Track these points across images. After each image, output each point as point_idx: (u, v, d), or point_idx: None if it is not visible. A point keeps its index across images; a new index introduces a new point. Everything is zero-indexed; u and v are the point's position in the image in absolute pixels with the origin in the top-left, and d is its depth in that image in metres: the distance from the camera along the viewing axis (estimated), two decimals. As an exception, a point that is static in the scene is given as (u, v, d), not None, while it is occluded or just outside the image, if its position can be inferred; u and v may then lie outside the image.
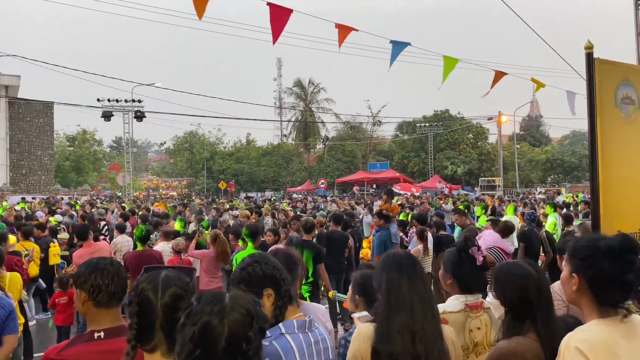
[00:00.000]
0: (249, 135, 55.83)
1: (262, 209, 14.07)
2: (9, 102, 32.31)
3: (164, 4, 29.51)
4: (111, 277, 2.11)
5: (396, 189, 29.62)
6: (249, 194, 38.32)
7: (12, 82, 32.11)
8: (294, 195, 33.81)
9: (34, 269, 8.18)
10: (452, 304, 2.56)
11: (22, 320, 5.04)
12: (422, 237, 7.60)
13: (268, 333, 1.95)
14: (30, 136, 33.99)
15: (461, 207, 10.47)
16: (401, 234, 9.37)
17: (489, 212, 11.90)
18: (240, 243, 7.39)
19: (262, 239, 8.41)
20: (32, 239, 8.66)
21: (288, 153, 51.01)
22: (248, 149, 53.06)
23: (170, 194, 42.00)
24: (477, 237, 6.50)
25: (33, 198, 23.70)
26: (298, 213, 13.76)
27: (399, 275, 2.09)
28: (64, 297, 6.79)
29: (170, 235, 8.07)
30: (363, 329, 2.12)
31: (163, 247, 7.56)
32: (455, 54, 5.33)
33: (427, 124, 46.64)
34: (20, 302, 5.58)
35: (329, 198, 27.61)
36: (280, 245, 7.37)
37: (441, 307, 2.42)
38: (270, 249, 7.17)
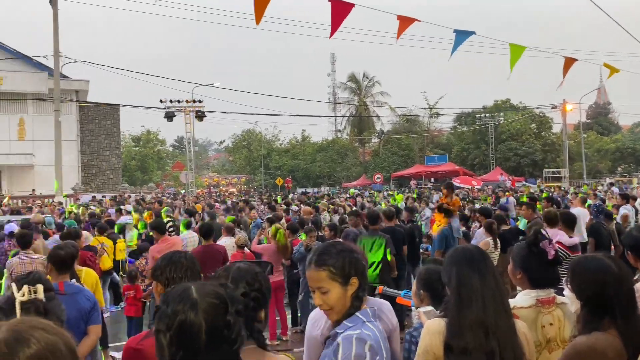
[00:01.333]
0: (304, 132, 56.31)
1: (319, 205, 14.17)
2: (79, 105, 34.16)
3: (220, 4, 30.21)
4: (185, 269, 2.20)
5: (456, 182, 28.95)
6: (305, 190, 38.65)
7: (81, 87, 33.93)
8: (351, 190, 33.79)
9: (108, 262, 8.65)
10: (522, 299, 2.48)
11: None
12: (491, 231, 7.30)
13: (349, 323, 1.96)
14: (99, 138, 35.79)
15: (524, 199, 10.08)
16: (463, 228, 9.16)
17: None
18: (303, 236, 7.47)
19: (320, 234, 8.48)
20: (106, 235, 9.18)
21: (343, 148, 50.99)
22: (303, 145, 53.48)
23: (230, 190, 43.08)
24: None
25: (103, 196, 24.97)
26: (355, 209, 13.76)
27: (470, 270, 2.05)
28: (131, 290, 7.13)
29: (232, 230, 8.28)
30: (433, 324, 2.09)
31: (226, 242, 7.77)
32: (520, 42, 5.13)
33: (487, 115, 45.23)
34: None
35: (385, 193, 27.39)
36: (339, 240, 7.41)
37: (511, 302, 2.35)
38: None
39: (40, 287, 1.52)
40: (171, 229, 11.91)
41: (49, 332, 1.00)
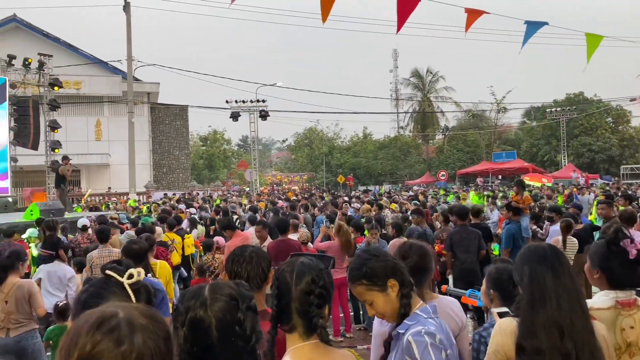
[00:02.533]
0: (366, 129, 56.05)
1: (381, 202, 14.08)
2: (150, 107, 35.83)
3: (283, 5, 30.64)
4: (248, 263, 2.28)
5: (525, 179, 27.83)
6: (367, 188, 38.49)
7: (152, 89, 35.57)
8: (415, 187, 33.33)
9: (176, 258, 9.02)
10: (600, 300, 2.35)
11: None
12: (564, 229, 6.85)
13: (409, 322, 1.97)
14: (169, 138, 37.36)
15: (600, 197, 9.53)
16: (534, 226, 8.80)
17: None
18: (366, 233, 7.46)
19: (384, 232, 8.43)
20: (175, 231, 9.58)
21: (406, 145, 50.30)
22: (365, 143, 53.25)
23: (293, 188, 43.69)
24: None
25: (173, 194, 26.04)
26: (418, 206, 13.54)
27: (543, 268, 1.97)
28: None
29: (297, 227, 8.40)
30: (504, 323, 2.04)
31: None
32: (595, 31, 4.85)
33: (558, 109, 43.13)
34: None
35: (453, 190, 26.79)
36: (403, 239, 7.33)
37: (588, 302, 2.24)
38: (391, 242, 7.18)
39: (141, 270, 1.63)
40: (238, 224, 12.24)
41: (147, 309, 1.12)
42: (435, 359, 1.86)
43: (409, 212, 11.02)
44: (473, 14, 3.46)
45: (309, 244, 7.65)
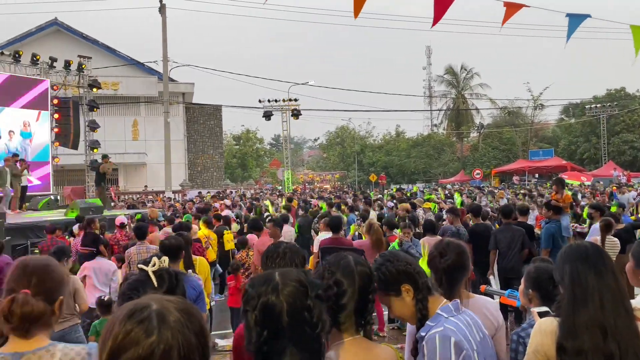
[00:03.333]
0: (398, 127, 55.66)
1: (415, 201, 13.94)
2: (185, 107, 36.47)
3: (312, 4, 30.70)
4: (282, 260, 2.30)
5: (563, 177, 27.08)
6: (400, 186, 38.21)
7: (187, 89, 36.20)
8: (448, 186, 32.88)
9: (212, 255, 9.16)
10: (645, 301, 2.27)
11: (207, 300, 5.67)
12: (604, 229, 6.65)
13: (431, 322, 1.97)
14: (204, 137, 37.95)
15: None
16: (574, 225, 8.56)
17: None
18: (399, 231, 7.40)
19: (418, 231, 8.35)
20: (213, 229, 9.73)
21: (439, 143, 49.70)
22: (397, 141, 52.86)
23: (324, 187, 43.73)
24: None
25: (207, 192, 26.44)
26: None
27: (585, 267, 1.92)
28: (232, 280, 7.48)
29: (339, 226, 8.36)
30: (545, 323, 1.99)
31: (324, 236, 7.88)
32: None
33: (598, 105, 41.79)
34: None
35: (487, 189, 26.33)
36: (437, 237, 7.24)
37: (632, 303, 2.16)
38: (422, 240, 7.09)
39: (166, 259, 1.72)
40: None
41: (182, 302, 1.14)
42: None
43: (443, 211, 10.89)
44: (512, 8, 3.36)
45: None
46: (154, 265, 1.73)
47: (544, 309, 2.38)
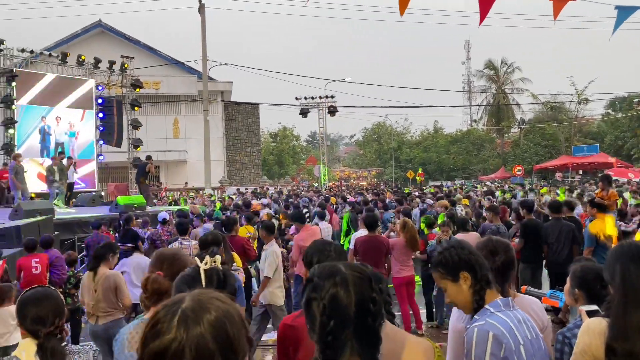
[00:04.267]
0: (437, 123, 54.88)
1: (454, 198, 13.73)
2: (224, 105, 37.03)
3: (348, 1, 30.54)
4: (329, 258, 2.32)
5: (609, 174, 26.11)
6: (442, 183, 37.69)
7: (226, 88, 36.74)
8: (487, 183, 32.24)
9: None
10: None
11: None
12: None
13: (477, 316, 2.00)
14: (242, 134, 38.45)
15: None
16: (620, 223, 8.26)
17: None
18: (438, 229, 7.32)
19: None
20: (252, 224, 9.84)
21: (479, 139, 48.74)
22: (436, 137, 52.16)
23: (361, 184, 43.58)
24: None
25: (246, 189, 26.80)
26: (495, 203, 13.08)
27: (637, 267, 1.85)
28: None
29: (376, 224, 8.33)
30: (593, 323, 1.94)
31: (361, 233, 7.87)
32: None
33: (646, 99, 40.04)
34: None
35: (527, 186, 25.68)
36: (473, 233, 7.12)
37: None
38: (454, 237, 6.99)
39: (218, 258, 1.81)
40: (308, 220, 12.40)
41: (224, 302, 1.13)
42: (483, 355, 1.88)
43: (483, 209, 10.69)
44: (560, 1, 3.24)
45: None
46: (206, 263, 1.80)
47: (593, 307, 2.32)
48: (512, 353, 1.88)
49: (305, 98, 32.60)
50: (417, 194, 18.29)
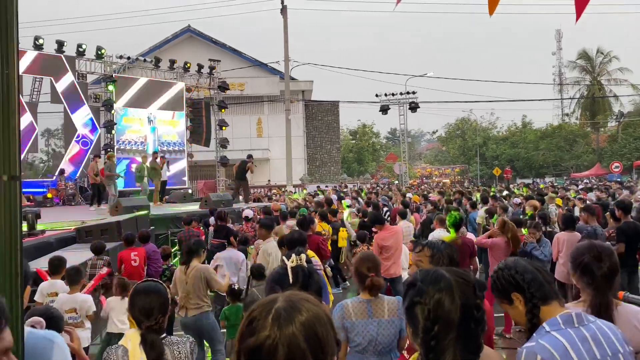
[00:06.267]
0: (525, 118, 52.31)
1: (545, 197, 13.03)
2: (304, 104, 37.67)
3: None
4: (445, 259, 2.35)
5: None
6: (534, 181, 35.91)
7: (307, 87, 37.38)
8: (585, 181, 30.29)
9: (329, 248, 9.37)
10: None
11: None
12: None
13: (536, 334, 1.87)
14: (322, 133, 38.94)
15: None
16: None
17: None
18: (525, 231, 7.00)
19: (549, 229, 7.80)
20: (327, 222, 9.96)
21: (571, 134, 45.83)
22: (524, 132, 49.74)
23: (443, 181, 42.56)
24: None
25: (326, 186, 27.12)
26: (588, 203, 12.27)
27: None
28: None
29: (444, 222, 8.14)
30: None
31: (439, 234, 7.68)
32: None
33: None
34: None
35: (625, 184, 23.83)
36: (574, 233, 6.72)
37: None
38: (557, 235, 6.62)
39: (303, 256, 1.90)
40: (388, 218, 12.32)
41: (314, 304, 1.17)
42: None
43: (575, 208, 10.07)
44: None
45: None
46: (292, 261, 1.91)
47: None
48: None
49: (386, 95, 32.35)
50: (504, 193, 17.54)
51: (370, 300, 3.13)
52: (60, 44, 18.59)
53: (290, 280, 1.96)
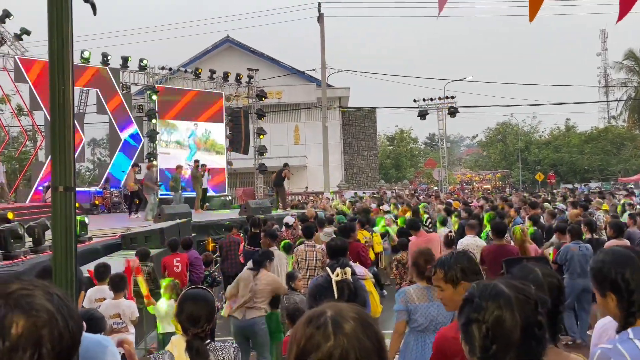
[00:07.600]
0: (569, 121, 50.70)
1: (590, 203, 12.60)
2: (341, 111, 37.73)
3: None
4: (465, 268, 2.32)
5: None
6: (573, 186, 34.78)
7: (343, 94, 37.45)
8: (629, 186, 29.12)
9: (371, 255, 9.33)
10: None
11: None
12: None
13: (616, 336, 1.82)
14: (359, 139, 38.87)
15: None
16: None
17: None
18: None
19: (596, 237, 7.54)
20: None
21: (619, 137, 44.12)
22: (568, 136, 48.21)
23: (484, 187, 41.71)
24: None
25: (363, 193, 27.03)
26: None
27: None
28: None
29: (474, 228, 7.96)
30: None
31: (469, 241, 7.49)
32: None
33: None
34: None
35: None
36: (624, 240, 6.48)
37: None
38: (608, 244, 6.37)
39: (348, 270, 1.86)
40: (429, 224, 12.17)
41: (358, 311, 1.19)
42: None
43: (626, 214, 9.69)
44: None
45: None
46: (337, 275, 1.87)
47: None
48: None
49: (424, 100, 32.03)
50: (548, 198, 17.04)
51: (429, 287, 3.49)
52: (105, 57, 19.28)
53: (335, 296, 1.90)
